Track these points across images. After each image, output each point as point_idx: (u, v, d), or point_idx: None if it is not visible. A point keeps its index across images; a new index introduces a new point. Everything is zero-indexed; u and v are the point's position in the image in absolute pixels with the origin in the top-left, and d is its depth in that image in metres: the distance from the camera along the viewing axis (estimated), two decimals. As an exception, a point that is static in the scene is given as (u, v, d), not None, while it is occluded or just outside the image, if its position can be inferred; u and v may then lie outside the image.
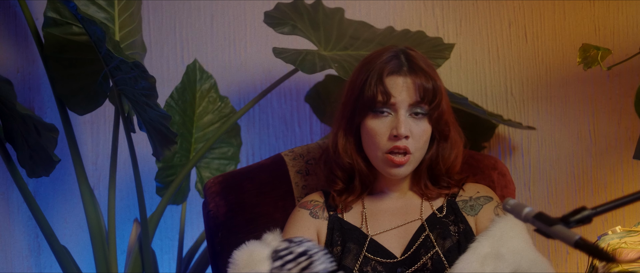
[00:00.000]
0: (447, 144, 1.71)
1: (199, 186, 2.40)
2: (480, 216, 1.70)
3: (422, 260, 1.63)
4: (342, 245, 1.66)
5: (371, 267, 1.63)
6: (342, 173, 1.72)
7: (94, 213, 2.15)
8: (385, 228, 1.69)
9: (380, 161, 1.66)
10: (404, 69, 1.66)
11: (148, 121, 1.97)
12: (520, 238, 1.60)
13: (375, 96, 1.63)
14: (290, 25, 2.19)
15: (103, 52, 1.84)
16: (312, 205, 1.74)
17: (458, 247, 1.64)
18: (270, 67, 2.69)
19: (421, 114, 1.65)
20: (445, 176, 1.73)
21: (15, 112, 1.81)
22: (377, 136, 1.64)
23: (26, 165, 1.97)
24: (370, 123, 1.65)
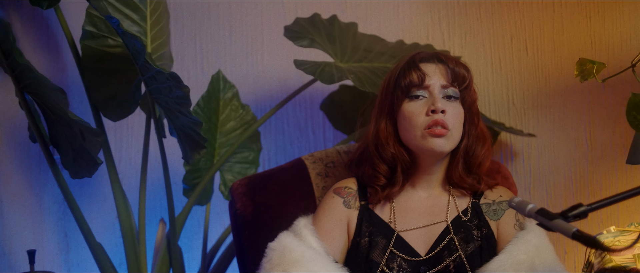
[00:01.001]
0: (479, 135, 1.78)
1: (223, 188, 2.54)
2: (502, 221, 1.76)
3: (445, 261, 1.70)
4: (369, 237, 1.74)
5: (397, 263, 1.71)
6: (384, 167, 1.77)
7: (125, 213, 2.30)
8: (412, 226, 1.75)
9: (420, 139, 1.70)
10: (435, 57, 1.77)
11: (179, 127, 2.12)
12: (550, 250, 1.69)
13: (411, 79, 1.72)
14: (308, 38, 2.33)
15: (140, 63, 1.99)
16: (345, 192, 1.81)
17: (480, 251, 1.71)
18: (286, 77, 2.82)
19: (454, 97, 1.73)
20: (478, 168, 1.78)
21: (61, 118, 1.95)
22: (414, 116, 1.71)
23: (69, 167, 2.12)
24: (407, 107, 1.73)
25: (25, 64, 1.83)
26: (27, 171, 2.59)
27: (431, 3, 2.69)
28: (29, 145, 2.59)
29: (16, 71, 1.92)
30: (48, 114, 2.03)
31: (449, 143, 1.73)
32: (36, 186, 2.63)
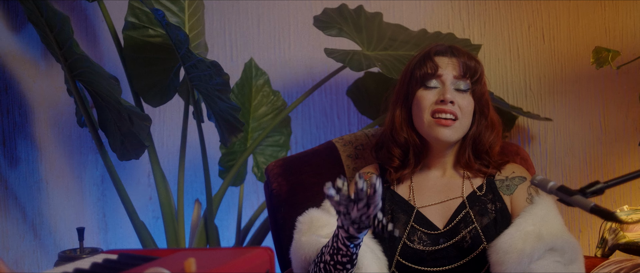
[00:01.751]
0: (488, 124, 1.90)
1: (256, 170, 2.68)
2: (516, 195, 1.89)
3: (461, 233, 1.83)
4: (392, 214, 1.88)
5: (417, 236, 1.84)
6: (398, 150, 1.91)
7: (165, 193, 2.44)
8: (430, 202, 1.89)
9: (427, 125, 1.83)
10: (449, 51, 1.90)
11: (218, 112, 2.25)
12: (557, 220, 1.81)
13: (425, 70, 1.86)
14: (337, 28, 2.45)
15: (182, 52, 2.12)
16: (368, 176, 1.93)
17: (495, 223, 1.84)
18: (312, 64, 2.95)
19: (464, 90, 1.86)
20: (486, 154, 1.91)
21: (110, 104, 2.09)
22: (424, 100, 1.84)
23: (117, 150, 2.25)
24: (420, 94, 1.86)
25: (81, 54, 1.97)
26: (69, 155, 2.73)
27: (451, -7, 2.81)
28: (71, 131, 2.73)
29: (69, 60, 2.05)
30: (98, 100, 2.17)
31: (456, 133, 1.86)
32: (77, 169, 2.77)
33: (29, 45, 2.52)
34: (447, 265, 1.83)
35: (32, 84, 2.52)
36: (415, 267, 1.83)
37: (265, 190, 2.25)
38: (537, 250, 1.75)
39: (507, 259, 1.76)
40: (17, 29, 2.47)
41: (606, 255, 2.24)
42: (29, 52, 2.52)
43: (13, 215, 2.42)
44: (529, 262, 1.75)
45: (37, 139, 2.54)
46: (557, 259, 1.77)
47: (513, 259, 1.75)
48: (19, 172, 2.45)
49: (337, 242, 1.71)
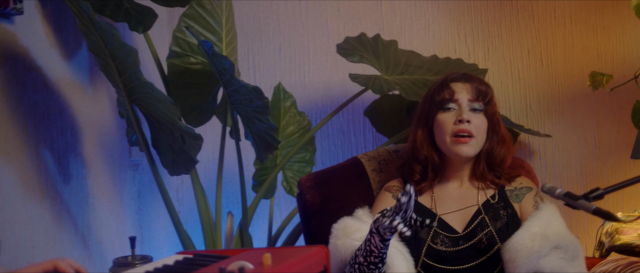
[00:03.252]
0: (499, 140, 2.16)
1: (285, 184, 2.93)
2: (524, 202, 2.16)
3: (478, 236, 2.09)
4: None
5: (440, 239, 2.10)
6: (419, 167, 2.19)
7: (204, 205, 2.69)
8: (450, 210, 2.15)
9: (449, 144, 2.09)
10: (463, 78, 2.18)
11: (255, 131, 2.51)
12: (560, 223, 2.08)
13: (443, 96, 2.13)
14: (358, 55, 2.72)
15: (226, 78, 2.38)
16: (394, 189, 2.22)
17: (507, 227, 2.10)
18: (330, 87, 3.21)
19: (478, 110, 2.13)
20: (498, 167, 2.17)
21: (164, 125, 2.35)
22: (445, 124, 2.11)
23: (168, 166, 2.51)
24: (440, 117, 2.13)
25: (144, 81, 2.22)
26: (111, 173, 2.98)
27: (457, 22, 3.07)
28: (112, 150, 2.98)
29: (129, 86, 2.31)
30: (152, 122, 2.42)
31: (473, 149, 2.13)
32: (118, 185, 3.01)
33: (78, 72, 2.77)
34: (466, 263, 2.09)
35: (81, 108, 2.77)
36: (439, 266, 2.09)
37: (298, 201, 2.51)
38: (544, 247, 2.02)
39: (518, 256, 2.02)
40: (69, 57, 2.72)
41: (604, 256, 2.51)
42: (77, 78, 2.77)
43: (67, 226, 2.66)
44: (537, 258, 2.01)
45: (86, 157, 2.79)
46: (561, 256, 2.04)
47: (523, 256, 2.01)
48: (71, 187, 2.69)
49: (369, 245, 1.96)
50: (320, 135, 3.21)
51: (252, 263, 1.49)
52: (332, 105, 3.18)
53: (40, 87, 2.57)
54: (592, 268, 2.31)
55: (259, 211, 3.04)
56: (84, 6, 2.08)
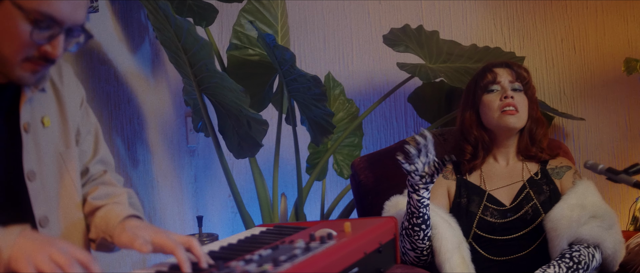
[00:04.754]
0: (538, 121, 2.36)
1: (335, 167, 3.13)
2: (563, 179, 2.36)
3: (524, 208, 2.29)
4: (467, 197, 2.33)
5: (490, 212, 2.30)
6: (469, 147, 2.38)
7: (262, 187, 2.88)
8: (497, 186, 2.34)
9: (497, 119, 2.29)
10: (503, 64, 2.38)
11: (312, 117, 2.70)
12: (596, 195, 2.27)
13: (487, 79, 2.33)
14: (403, 45, 2.90)
15: (286, 68, 2.57)
16: (444, 169, 2.41)
17: (549, 200, 2.29)
18: (372, 76, 3.39)
19: (518, 90, 2.32)
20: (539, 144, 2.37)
21: (230, 112, 2.54)
22: (491, 102, 2.31)
23: (234, 150, 2.71)
24: (485, 98, 2.33)
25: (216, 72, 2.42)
26: (171, 158, 3.19)
27: (493, 11, 3.23)
28: (172, 137, 3.19)
29: (199, 76, 2.51)
30: (219, 109, 2.62)
31: (519, 121, 2.32)
32: (177, 169, 3.22)
33: (142, 65, 2.98)
34: (513, 234, 2.28)
35: (145, 98, 2.97)
36: (489, 236, 2.29)
37: (352, 181, 2.70)
38: (582, 217, 2.21)
39: (560, 225, 2.22)
40: (134, 51, 2.92)
41: (638, 229, 2.68)
42: (142, 70, 2.98)
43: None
44: (577, 226, 2.21)
45: (150, 144, 3.00)
46: (598, 224, 2.23)
47: (564, 225, 2.21)
48: (138, 172, 2.90)
49: (409, 207, 2.16)
50: (364, 121, 3.38)
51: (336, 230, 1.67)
52: (375, 93, 3.36)
53: (111, 79, 2.78)
54: (629, 239, 2.48)
55: (313, 192, 3.24)
56: (162, 5, 2.28)
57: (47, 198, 1.53)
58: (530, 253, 2.28)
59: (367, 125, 3.39)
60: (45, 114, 1.55)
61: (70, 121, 1.61)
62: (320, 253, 1.45)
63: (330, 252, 1.47)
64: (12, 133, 1.50)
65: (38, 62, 1.40)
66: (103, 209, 1.60)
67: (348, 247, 1.55)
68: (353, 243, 1.58)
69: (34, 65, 1.40)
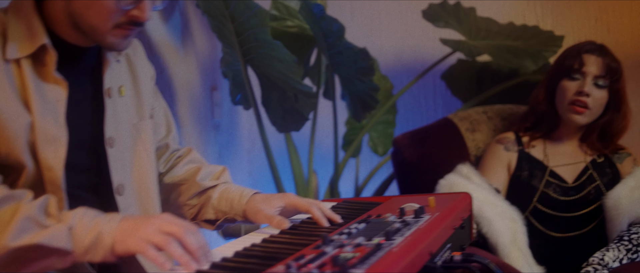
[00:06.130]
0: (619, 115, 2.32)
1: (371, 144, 3.07)
2: (624, 164, 2.35)
3: (587, 188, 2.28)
4: (528, 171, 2.31)
5: (552, 188, 2.28)
6: (532, 118, 2.36)
7: (297, 163, 2.81)
8: (560, 163, 2.32)
9: (564, 110, 2.28)
10: (598, 51, 2.30)
11: (354, 92, 2.63)
12: None
13: (572, 65, 2.27)
14: (443, 20, 2.85)
15: (331, 40, 2.49)
16: (506, 140, 2.38)
17: (611, 181, 2.30)
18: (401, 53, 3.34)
19: (602, 86, 2.27)
20: (610, 139, 2.34)
21: (275, 83, 2.46)
22: (566, 91, 2.27)
23: (277, 124, 2.63)
24: (564, 83, 2.28)
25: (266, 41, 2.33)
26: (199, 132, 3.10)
27: (526, -11, 3.20)
28: (199, 110, 3.09)
29: (245, 46, 2.42)
30: (263, 80, 2.54)
31: (585, 119, 2.28)
32: (203, 145, 3.13)
33: (173, 35, 2.87)
34: (574, 212, 2.27)
35: (175, 70, 2.88)
36: (549, 211, 2.27)
37: (394, 158, 2.64)
38: None
39: (621, 204, 2.22)
40: (165, 20, 2.82)
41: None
42: (172, 41, 2.88)
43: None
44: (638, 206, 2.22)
45: (180, 118, 2.90)
46: None
47: (625, 204, 2.22)
48: (169, 146, 2.80)
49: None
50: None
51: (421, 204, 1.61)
52: (404, 70, 3.30)
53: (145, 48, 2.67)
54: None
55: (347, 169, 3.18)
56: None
57: (123, 166, 1.53)
58: (587, 232, 2.28)
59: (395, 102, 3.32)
60: (122, 83, 1.56)
61: (143, 94, 1.64)
62: (424, 227, 1.40)
63: (430, 227, 1.42)
64: (96, 96, 1.51)
65: (128, 28, 1.40)
66: (217, 190, 1.66)
67: (443, 221, 1.51)
68: (446, 218, 1.54)
69: (124, 31, 1.41)
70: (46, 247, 1.21)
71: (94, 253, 1.24)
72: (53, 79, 1.38)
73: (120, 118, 1.53)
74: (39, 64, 1.37)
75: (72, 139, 1.39)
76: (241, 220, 1.64)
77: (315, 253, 1.21)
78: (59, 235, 1.22)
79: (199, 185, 1.68)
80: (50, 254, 1.23)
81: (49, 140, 1.36)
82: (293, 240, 1.40)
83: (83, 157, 1.45)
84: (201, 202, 1.67)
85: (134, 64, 1.62)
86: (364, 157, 3.26)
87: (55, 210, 1.26)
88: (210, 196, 1.66)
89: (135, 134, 1.57)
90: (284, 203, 1.60)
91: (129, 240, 1.23)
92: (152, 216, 1.28)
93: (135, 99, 1.60)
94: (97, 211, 1.29)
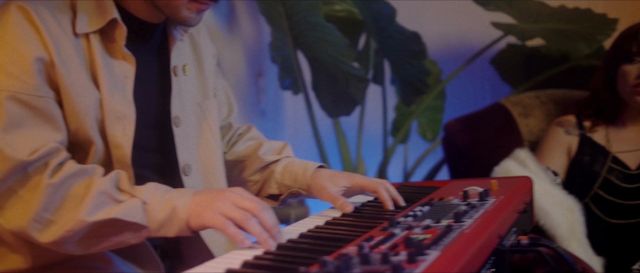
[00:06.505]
0: None
1: (420, 129, 3.03)
2: None
3: None
4: (590, 156, 2.25)
5: (614, 175, 2.22)
6: (594, 105, 2.29)
7: (346, 149, 2.79)
8: (624, 149, 2.26)
9: (629, 93, 2.20)
10: None
11: (405, 77, 2.59)
12: None
13: (630, 48, 2.20)
14: (494, 4, 2.80)
15: (382, 23, 2.46)
16: (566, 123, 2.32)
17: None
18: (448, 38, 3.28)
19: None
20: None
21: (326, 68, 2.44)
22: (627, 75, 2.20)
23: (327, 108, 2.61)
24: (624, 68, 2.21)
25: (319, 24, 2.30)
26: (244, 119, 3.09)
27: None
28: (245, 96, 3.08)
29: (296, 30, 2.40)
30: (314, 64, 2.52)
31: None
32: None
33: (219, 20, 2.86)
34: (634, 200, 2.20)
35: (222, 55, 2.87)
36: (611, 198, 2.21)
37: (445, 144, 2.60)
38: None
39: None
40: (214, 4, 2.81)
41: None
42: (219, 26, 2.86)
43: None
44: None
45: (226, 102, 2.90)
46: None
47: None
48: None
49: None
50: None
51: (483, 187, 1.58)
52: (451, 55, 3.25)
53: (193, 32, 2.66)
54: None
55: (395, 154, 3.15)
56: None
57: (189, 145, 1.51)
58: (649, 219, 2.21)
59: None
60: (186, 62, 1.54)
61: (207, 73, 1.61)
62: (491, 209, 1.37)
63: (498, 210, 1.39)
64: (162, 74, 1.49)
65: (203, 2, 1.38)
66: (280, 164, 1.63)
67: (509, 204, 1.47)
68: (511, 201, 1.50)
69: (199, 4, 1.38)
70: (122, 221, 1.22)
71: (169, 227, 1.24)
72: (121, 55, 1.37)
73: (185, 96, 1.51)
74: (107, 39, 1.36)
75: (139, 117, 1.38)
76: (305, 194, 1.60)
77: (384, 235, 1.19)
78: (133, 210, 1.23)
79: (261, 159, 1.65)
80: (125, 229, 1.23)
81: (117, 117, 1.34)
82: (358, 222, 1.37)
83: (149, 136, 1.44)
84: (264, 177, 1.64)
85: (197, 43, 1.59)
86: (412, 143, 3.22)
87: (128, 185, 1.26)
88: (273, 170, 1.63)
89: (199, 114, 1.55)
90: (350, 183, 1.56)
91: (205, 214, 1.22)
92: (224, 189, 1.26)
93: (199, 78, 1.58)
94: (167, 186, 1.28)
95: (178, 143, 1.46)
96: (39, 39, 1.27)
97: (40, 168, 1.24)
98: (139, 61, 1.40)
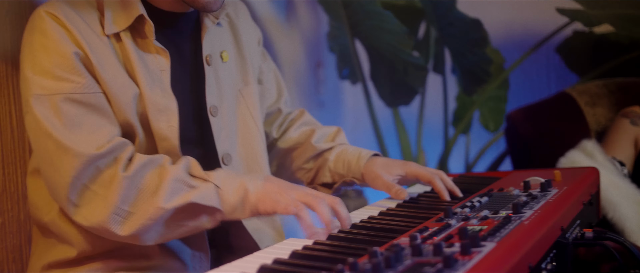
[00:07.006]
0: None
1: (482, 120, 2.96)
2: None
3: None
4: None
5: None
6: None
7: (406, 140, 2.74)
8: None
9: None
10: None
11: (465, 65, 2.53)
12: None
13: None
14: (560, -11, 2.71)
15: (442, 11, 2.40)
16: (632, 114, 2.24)
17: None
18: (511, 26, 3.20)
19: None
20: None
21: (384, 57, 2.40)
22: None
23: (386, 98, 2.57)
24: None
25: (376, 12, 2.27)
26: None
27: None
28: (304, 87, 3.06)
29: (353, 19, 2.36)
30: (372, 53, 2.48)
31: None
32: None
33: (277, 10, 2.84)
34: None
35: (281, 45, 2.85)
36: None
37: (508, 134, 2.53)
38: None
39: None
40: (271, -5, 2.79)
41: None
42: (277, 16, 2.85)
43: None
44: None
45: (286, 94, 2.88)
46: None
47: None
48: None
49: None
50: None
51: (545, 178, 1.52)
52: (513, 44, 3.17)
53: (251, 23, 2.65)
54: None
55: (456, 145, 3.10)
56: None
57: (228, 134, 1.49)
58: None
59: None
60: (224, 49, 1.51)
61: (248, 58, 1.57)
62: (553, 200, 1.31)
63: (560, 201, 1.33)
64: (196, 64, 1.47)
65: None
66: (333, 152, 1.61)
67: (572, 196, 1.40)
68: (575, 193, 1.43)
69: None
70: (198, 205, 1.24)
71: (241, 211, 1.26)
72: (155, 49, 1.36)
73: (223, 84, 1.48)
74: (138, 35, 1.36)
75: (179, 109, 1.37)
76: (359, 183, 1.58)
77: (438, 226, 1.15)
78: (208, 194, 1.24)
79: (314, 147, 1.62)
80: (201, 212, 1.25)
81: (159, 110, 1.34)
82: (413, 213, 1.33)
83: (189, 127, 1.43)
84: (317, 165, 1.62)
85: (236, 27, 1.56)
86: (474, 134, 3.16)
87: (200, 171, 1.28)
88: (326, 158, 1.60)
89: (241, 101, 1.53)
90: (405, 171, 1.52)
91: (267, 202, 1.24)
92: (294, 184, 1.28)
93: (239, 64, 1.55)
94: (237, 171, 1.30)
95: (216, 132, 1.45)
96: (71, 39, 1.29)
97: (111, 163, 1.26)
98: (172, 53, 1.39)
